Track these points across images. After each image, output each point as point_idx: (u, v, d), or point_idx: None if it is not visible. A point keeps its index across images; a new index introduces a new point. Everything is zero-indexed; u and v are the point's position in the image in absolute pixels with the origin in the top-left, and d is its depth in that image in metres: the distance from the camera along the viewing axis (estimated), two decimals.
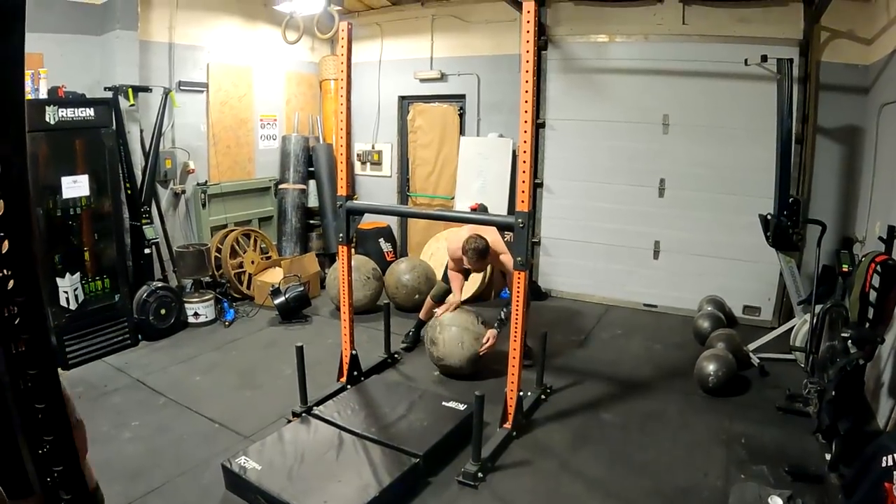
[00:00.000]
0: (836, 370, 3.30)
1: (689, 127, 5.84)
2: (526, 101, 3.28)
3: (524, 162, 3.33)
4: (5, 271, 0.70)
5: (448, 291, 4.90)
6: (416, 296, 5.89)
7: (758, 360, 4.79)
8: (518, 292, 3.49)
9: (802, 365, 4.66)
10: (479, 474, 3.28)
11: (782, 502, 3.03)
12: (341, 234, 4.07)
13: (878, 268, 3.32)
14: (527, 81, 3.26)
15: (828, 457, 3.43)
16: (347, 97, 3.99)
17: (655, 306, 6.30)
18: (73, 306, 4.54)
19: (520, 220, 3.35)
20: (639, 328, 5.82)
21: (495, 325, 4.41)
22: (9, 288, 0.70)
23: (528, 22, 3.19)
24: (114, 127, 4.80)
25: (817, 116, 5.40)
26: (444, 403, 3.82)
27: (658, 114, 5.94)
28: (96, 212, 4.71)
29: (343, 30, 3.92)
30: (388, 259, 7.10)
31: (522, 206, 3.34)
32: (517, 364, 3.58)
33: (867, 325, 3.39)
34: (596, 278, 6.51)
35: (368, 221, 6.98)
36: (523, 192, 3.35)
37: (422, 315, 5.18)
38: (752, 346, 4.92)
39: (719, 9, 5.56)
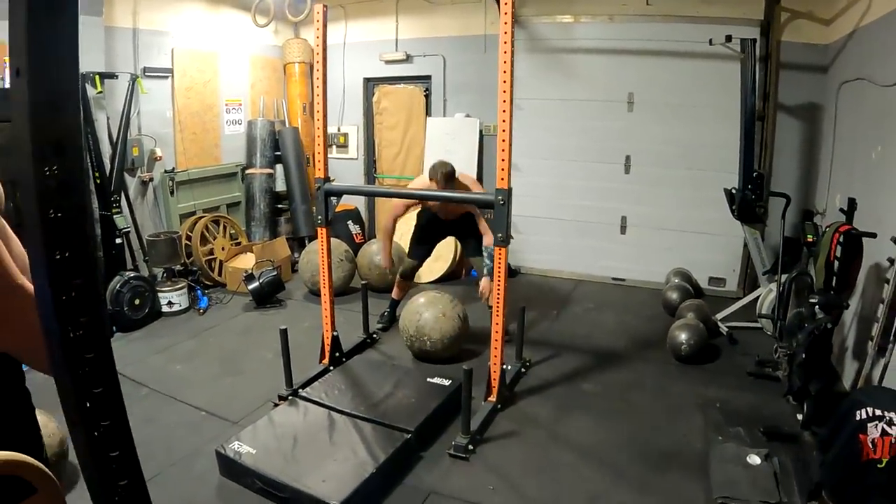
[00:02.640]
0: (805, 335, 3.44)
1: (653, 105, 5.97)
2: (504, 81, 3.31)
3: (503, 140, 3.37)
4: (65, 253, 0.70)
5: (414, 268, 5.10)
6: (389, 276, 5.88)
7: (726, 329, 4.97)
8: (499, 267, 3.56)
9: (769, 332, 4.84)
10: (470, 447, 3.35)
11: (760, 460, 3.21)
12: (320, 217, 4.06)
13: (842, 238, 3.47)
14: (505, 62, 3.30)
15: (799, 417, 3.60)
16: (323, 80, 3.96)
17: (624, 280, 6.45)
18: None
19: (500, 198, 3.40)
20: (610, 302, 5.96)
21: (485, 271, 4.46)
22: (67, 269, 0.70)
23: (507, 3, 3.23)
24: (82, 115, 4.66)
25: (778, 94, 5.58)
26: (429, 380, 3.87)
27: (623, 92, 6.05)
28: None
29: (318, 12, 3.90)
30: (358, 241, 7.09)
31: (502, 183, 3.39)
32: (499, 338, 3.65)
33: (832, 291, 3.55)
34: (565, 254, 6.63)
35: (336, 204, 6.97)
36: (503, 169, 3.39)
37: (394, 295, 5.23)
38: (720, 316, 5.09)
39: None
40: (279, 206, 7.01)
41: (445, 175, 4.38)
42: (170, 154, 5.89)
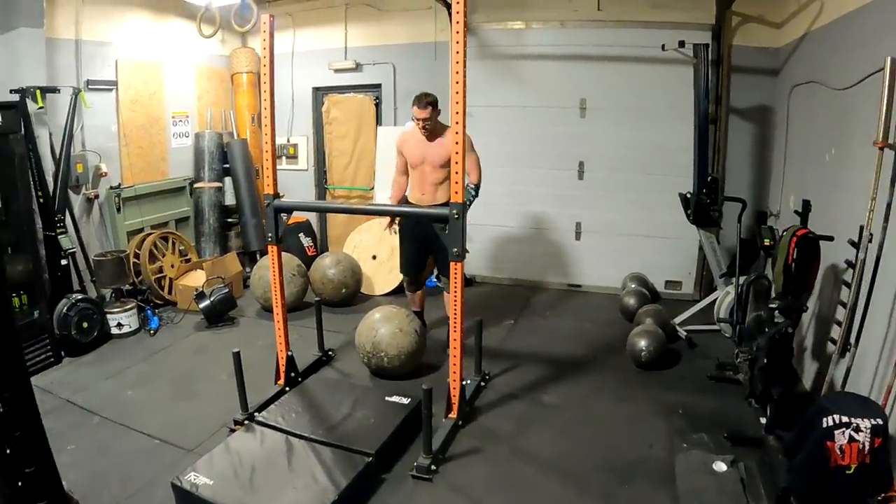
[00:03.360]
0: (766, 339, 3.46)
1: (606, 110, 5.98)
2: (457, 93, 3.22)
3: (456, 153, 3.31)
4: None
5: (410, 282, 4.97)
6: (343, 290, 5.79)
7: (685, 333, 5.00)
8: (455, 281, 3.49)
9: (728, 335, 4.85)
10: (433, 467, 3.26)
11: (726, 467, 3.20)
12: (270, 234, 3.91)
13: (799, 241, 3.50)
14: (457, 72, 3.22)
15: (763, 420, 3.61)
16: (271, 92, 3.83)
17: (580, 286, 6.45)
18: None
19: (454, 212, 3.34)
20: (567, 309, 5.94)
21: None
22: None
23: (458, 13, 3.17)
24: (22, 132, 4.43)
25: (730, 98, 5.64)
26: (387, 398, 3.77)
27: (576, 98, 6.04)
28: (7, 224, 4.37)
29: (265, 22, 3.78)
30: (310, 254, 6.95)
31: (457, 196, 3.33)
32: (458, 354, 3.57)
33: (790, 295, 3.57)
34: (520, 262, 6.59)
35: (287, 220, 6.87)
36: (457, 182, 3.33)
37: (413, 307, 5.04)
38: (678, 320, 5.12)
39: None
40: (229, 220, 6.81)
41: (429, 102, 4.32)
42: (115, 169, 5.66)
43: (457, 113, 3.23)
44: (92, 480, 3.19)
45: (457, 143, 3.28)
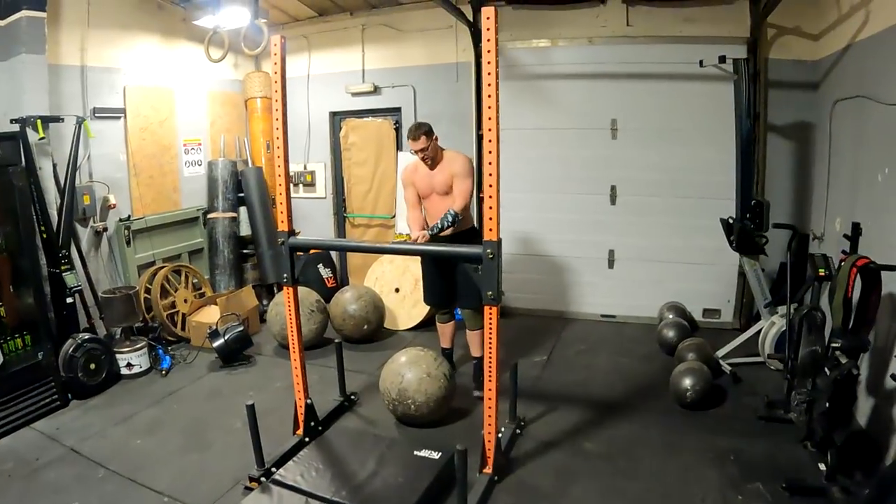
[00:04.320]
0: (829, 381, 3.17)
1: (638, 131, 5.70)
2: (490, 119, 2.98)
3: (490, 186, 3.04)
4: None
5: (441, 314, 4.71)
6: (365, 326, 5.52)
7: (729, 368, 4.69)
8: (490, 327, 3.21)
9: (773, 367, 4.61)
10: None
11: None
12: (286, 275, 3.63)
13: (859, 273, 3.20)
14: (489, 96, 2.98)
15: (822, 467, 3.31)
16: (284, 119, 3.55)
17: (614, 316, 6.14)
18: None
19: (489, 251, 3.06)
20: (601, 341, 5.63)
21: (431, 230, 4.18)
22: None
23: (489, 30, 2.92)
24: (23, 164, 4.25)
25: (767, 114, 5.34)
26: (416, 453, 3.46)
27: (606, 119, 5.77)
28: (10, 262, 4.19)
29: (275, 44, 3.52)
30: (329, 286, 6.72)
31: (490, 234, 3.05)
32: (493, 405, 3.28)
33: (850, 331, 3.27)
34: (551, 292, 6.29)
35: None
36: (490, 218, 3.06)
37: (443, 344, 4.78)
38: (720, 353, 4.81)
39: (664, 9, 5.44)
40: (245, 251, 6.58)
41: (422, 132, 4.18)
42: (125, 200, 5.45)
43: (490, 141, 2.98)
44: None
45: (490, 174, 3.01)
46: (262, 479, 3.32)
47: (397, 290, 6.03)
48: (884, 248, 3.44)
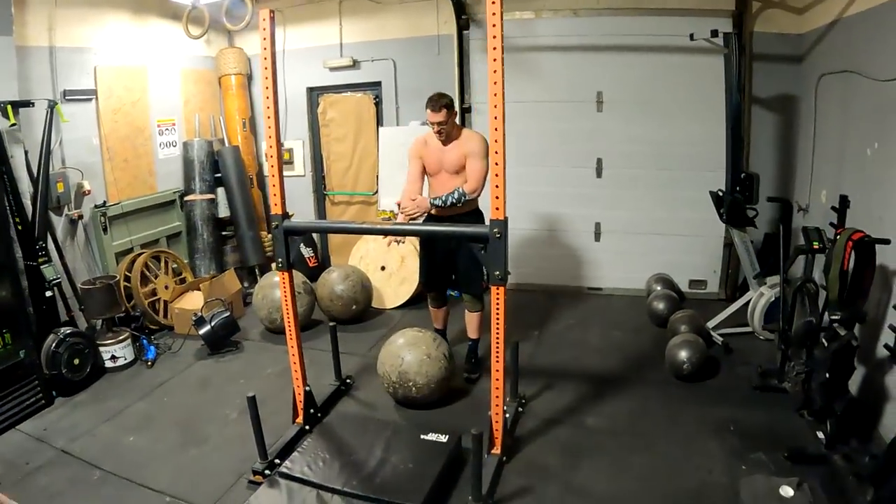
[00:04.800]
0: (828, 353, 3.22)
1: (624, 104, 5.65)
2: (496, 95, 2.89)
3: (496, 164, 2.96)
4: None
5: (435, 299, 4.55)
6: (353, 306, 5.43)
7: (721, 338, 4.74)
8: (498, 307, 3.17)
9: (763, 338, 4.70)
10: None
11: (793, 490, 2.94)
12: (280, 260, 3.50)
13: (854, 246, 3.25)
14: (495, 71, 2.88)
15: (820, 435, 3.40)
16: (274, 97, 3.37)
17: (601, 289, 6.15)
18: None
19: (496, 230, 3.00)
20: (590, 315, 5.63)
21: (434, 200, 4.05)
22: None
23: (494, 3, 2.82)
24: None
25: (752, 87, 5.34)
26: (422, 437, 3.41)
27: (591, 91, 5.70)
28: None
29: (265, 19, 3.34)
30: (311, 265, 6.62)
31: (497, 213, 2.98)
32: (500, 385, 3.24)
33: (845, 303, 3.33)
34: (538, 266, 6.25)
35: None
36: (497, 197, 2.99)
37: (436, 325, 4.67)
38: (711, 324, 4.86)
39: None
40: (224, 233, 6.39)
41: (444, 104, 3.91)
42: (99, 186, 5.20)
43: (496, 118, 2.89)
44: None
45: (496, 152, 2.93)
46: (267, 472, 3.25)
47: (383, 269, 5.94)
48: (872, 221, 3.49)
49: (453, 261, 4.25)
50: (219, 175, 6.30)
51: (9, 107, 4.20)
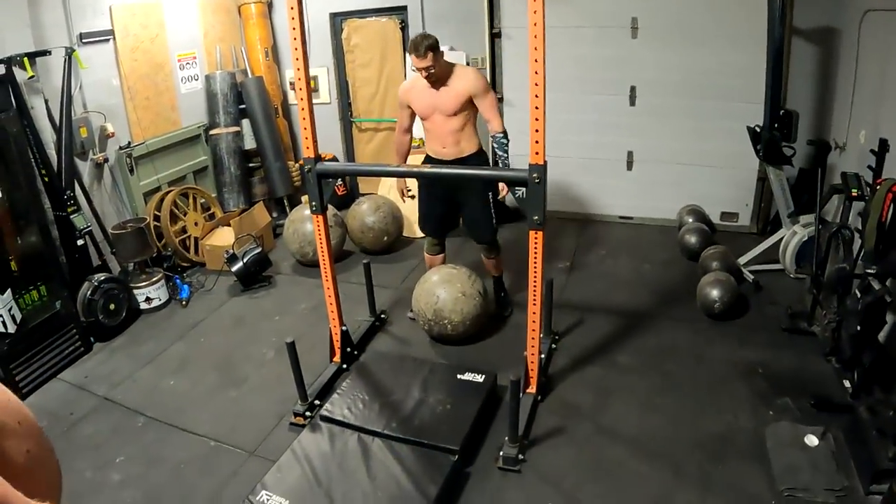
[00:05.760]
0: (861, 306, 3.15)
1: (659, 30, 5.41)
2: (535, 24, 2.78)
3: (536, 108, 2.89)
4: None
5: (434, 245, 4.40)
6: (385, 237, 5.46)
7: (751, 276, 4.71)
8: (535, 252, 3.16)
9: (792, 275, 4.65)
10: (520, 456, 3.04)
11: (817, 440, 3.04)
12: (314, 203, 3.50)
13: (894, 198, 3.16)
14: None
15: (846, 384, 3.40)
16: (301, 29, 3.19)
17: (632, 218, 6.09)
18: (11, 329, 3.78)
19: (535, 175, 2.97)
20: (621, 245, 5.59)
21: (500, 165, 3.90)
22: None
23: None
24: (15, 108, 3.94)
25: (793, 17, 5.08)
26: (459, 377, 3.49)
27: (626, 17, 5.45)
28: (13, 212, 3.95)
29: None
30: (340, 193, 6.59)
31: (537, 157, 2.95)
32: (537, 326, 3.29)
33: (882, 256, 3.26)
34: (568, 194, 6.19)
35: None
36: (537, 142, 2.94)
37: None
38: (742, 261, 4.80)
39: None
40: (250, 165, 6.33)
41: (428, 47, 3.57)
42: (123, 127, 5.14)
43: (536, 48, 2.79)
44: (147, 501, 2.95)
45: (536, 95, 2.86)
46: (307, 413, 3.34)
47: (413, 196, 5.92)
48: None
49: (457, 206, 4.17)
50: (243, 107, 6.21)
51: (25, 59, 4.10)
